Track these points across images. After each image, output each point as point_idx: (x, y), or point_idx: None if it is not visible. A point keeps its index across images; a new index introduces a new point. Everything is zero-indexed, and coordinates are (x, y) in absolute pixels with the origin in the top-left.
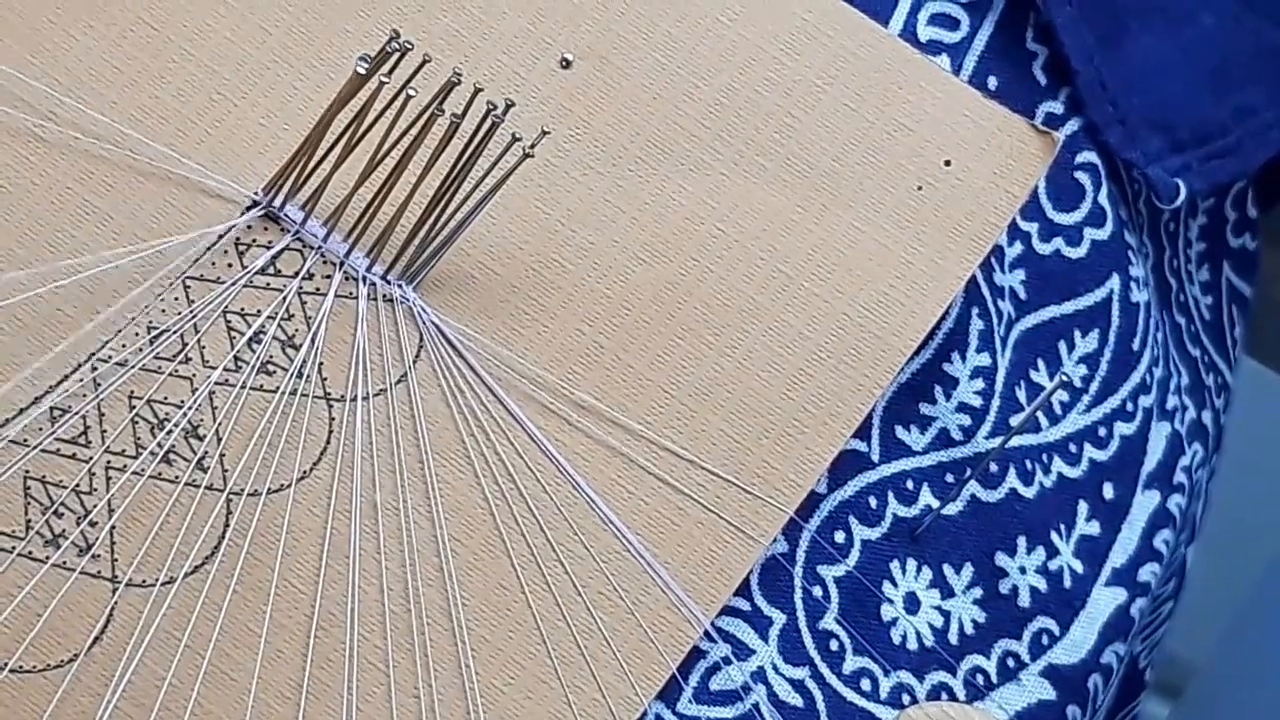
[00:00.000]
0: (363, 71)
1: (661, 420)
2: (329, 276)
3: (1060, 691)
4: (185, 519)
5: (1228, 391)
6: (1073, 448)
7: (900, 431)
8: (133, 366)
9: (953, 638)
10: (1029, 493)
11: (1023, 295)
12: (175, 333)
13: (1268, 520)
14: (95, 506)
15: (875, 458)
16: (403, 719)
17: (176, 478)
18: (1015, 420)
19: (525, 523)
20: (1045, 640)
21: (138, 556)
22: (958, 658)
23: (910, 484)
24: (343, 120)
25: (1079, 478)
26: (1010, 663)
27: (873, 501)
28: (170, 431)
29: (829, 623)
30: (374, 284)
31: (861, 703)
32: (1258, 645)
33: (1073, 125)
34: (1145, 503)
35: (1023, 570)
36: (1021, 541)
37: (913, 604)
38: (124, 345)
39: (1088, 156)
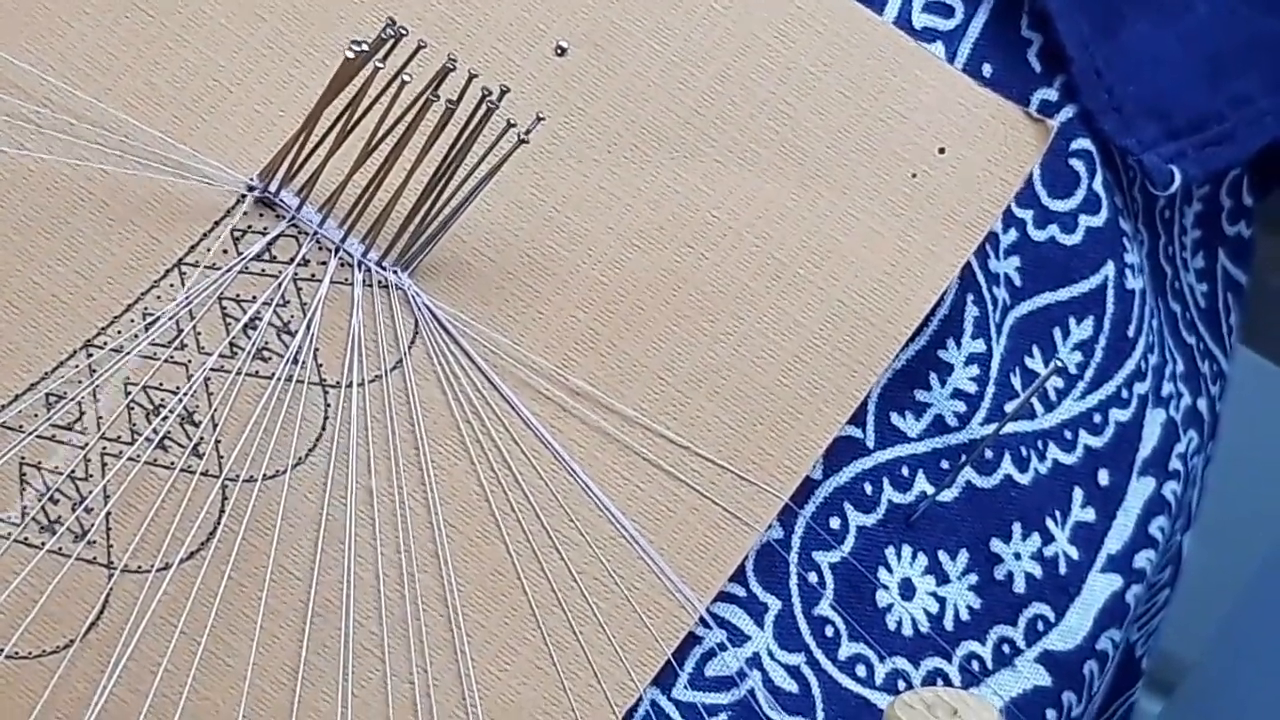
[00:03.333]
0: (352, 55)
1: (657, 406)
2: (324, 263)
3: (1056, 678)
4: (181, 505)
5: (1223, 379)
6: (1068, 434)
7: (895, 418)
8: (128, 353)
9: (948, 624)
10: (1024, 479)
11: (1018, 282)
12: (171, 319)
13: (1263, 513)
14: (91, 493)
15: (870, 444)
16: (398, 704)
17: (172, 464)
18: (1010, 407)
19: (521, 509)
20: (1041, 626)
21: (133, 542)
22: (953, 644)
23: (905, 470)
24: (338, 106)
25: (1074, 464)
26: (1006, 649)
27: (868, 488)
28: (166, 418)
29: (824, 609)
30: (369, 270)
31: (857, 689)
32: (1251, 641)
33: (1067, 112)
34: (1140, 489)
35: (1018, 556)
36: (1017, 528)
37: (908, 590)
38: (119, 331)
39: (1082, 143)
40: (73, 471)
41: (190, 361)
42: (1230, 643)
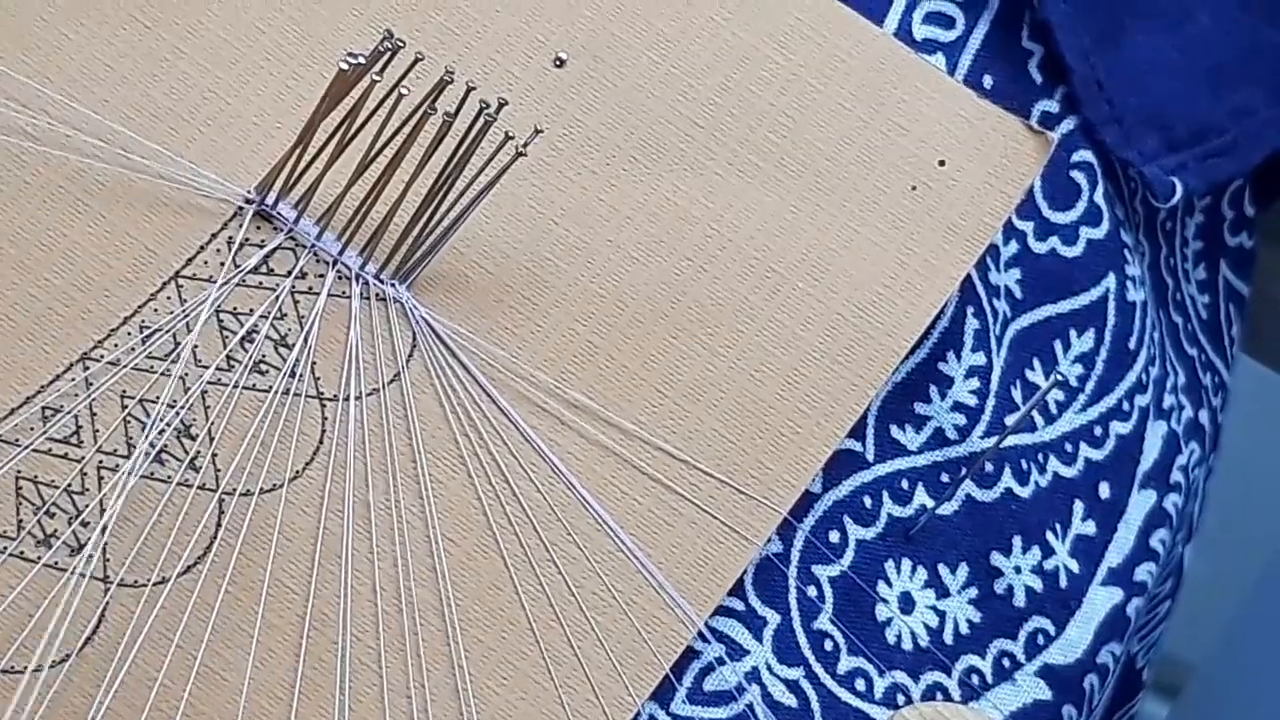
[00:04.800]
0: (346, 68)
1: (655, 420)
2: (322, 275)
3: (1056, 692)
4: (177, 519)
5: (1225, 391)
6: (1068, 447)
7: (895, 431)
8: (125, 366)
9: (948, 638)
10: (1024, 492)
11: (1018, 294)
12: (167, 332)
13: (1265, 520)
14: (87, 506)
15: (870, 457)
16: (395, 719)
17: (169, 477)
18: (1010, 420)
19: (518, 523)
20: (1041, 640)
21: (130, 556)
22: (953, 658)
23: (905, 483)
24: (336, 119)
25: (1075, 477)
26: (1006, 663)
27: (867, 501)
28: (163, 431)
29: (823, 623)
30: (367, 283)
31: (856, 703)
32: (1256, 645)
33: (1068, 124)
34: (1141, 502)
35: (1018, 570)
36: (1017, 541)
37: (908, 604)
38: (116, 344)
39: (1084, 155)
40: (69, 485)
41: (187, 374)
42: (1235, 646)
